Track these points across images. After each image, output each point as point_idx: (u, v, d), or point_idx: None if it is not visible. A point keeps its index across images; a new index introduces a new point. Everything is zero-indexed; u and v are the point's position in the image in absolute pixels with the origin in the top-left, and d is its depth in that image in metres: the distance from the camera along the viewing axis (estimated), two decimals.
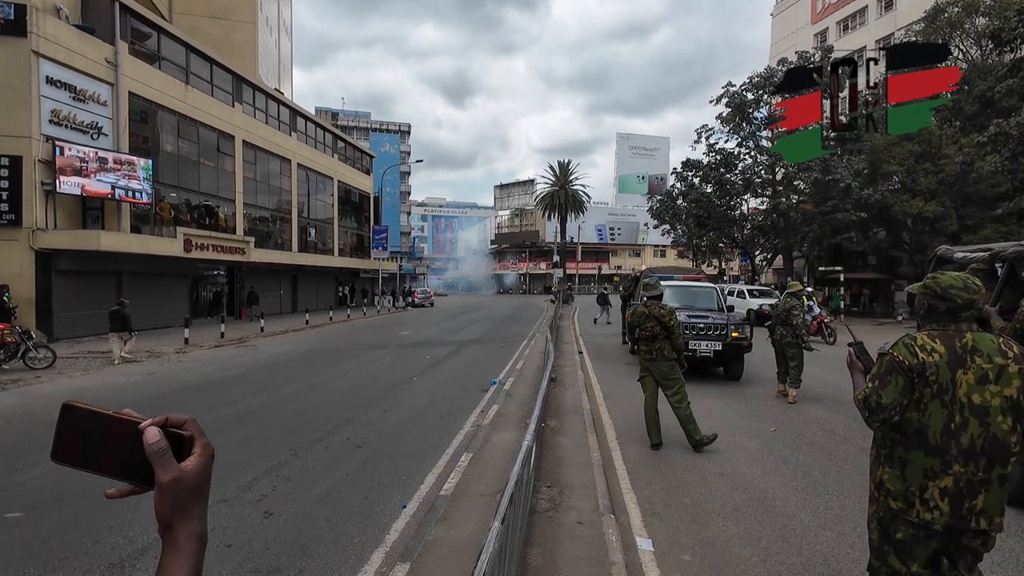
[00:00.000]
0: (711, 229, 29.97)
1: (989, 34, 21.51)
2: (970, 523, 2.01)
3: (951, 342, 2.07)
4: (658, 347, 5.59)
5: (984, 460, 1.99)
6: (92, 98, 15.52)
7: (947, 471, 2.02)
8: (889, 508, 2.15)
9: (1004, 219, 19.68)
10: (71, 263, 15.07)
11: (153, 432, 0.62)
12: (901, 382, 2.06)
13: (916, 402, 2.07)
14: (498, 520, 1.53)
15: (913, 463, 2.08)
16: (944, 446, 2.02)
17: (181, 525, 0.62)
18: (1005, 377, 2.01)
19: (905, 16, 31.54)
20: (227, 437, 6.07)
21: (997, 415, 2.00)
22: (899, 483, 2.12)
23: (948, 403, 2.02)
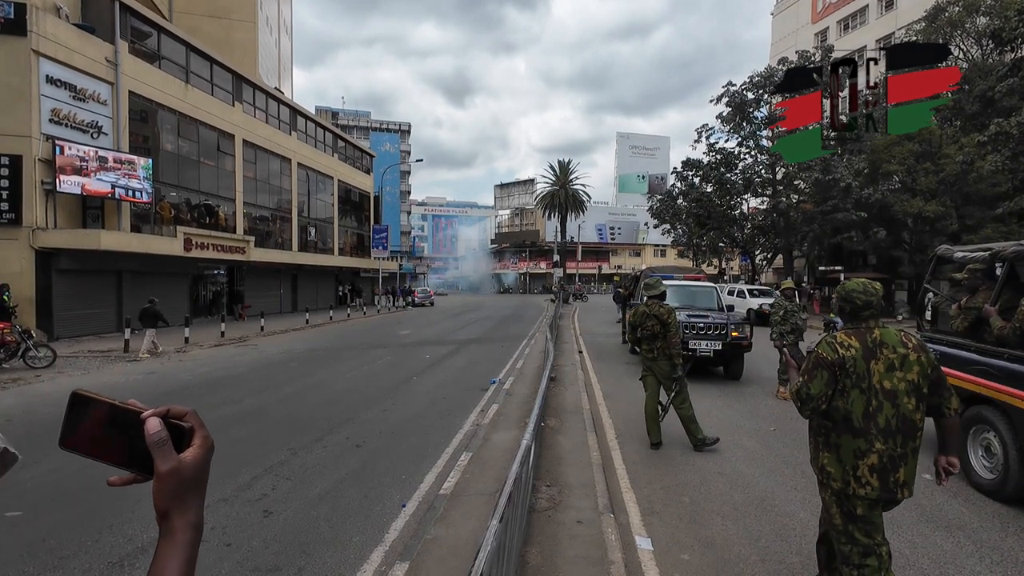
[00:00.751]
0: (711, 229, 29.96)
1: (990, 33, 21.48)
2: (896, 494, 2.33)
3: (863, 337, 2.42)
4: (659, 346, 5.62)
5: (900, 436, 2.33)
6: (92, 97, 15.52)
7: (871, 449, 2.34)
8: (839, 493, 2.41)
9: (1004, 219, 19.66)
10: (71, 262, 15.07)
11: (154, 422, 0.63)
12: (826, 375, 2.39)
13: (840, 391, 2.38)
14: (496, 518, 1.53)
15: (844, 446, 2.39)
16: (866, 428, 2.34)
17: (178, 515, 0.63)
18: (907, 364, 2.36)
19: (906, 15, 31.52)
20: (227, 436, 6.07)
21: (904, 397, 2.34)
22: (837, 466, 2.41)
23: (865, 390, 2.35)
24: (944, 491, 4.55)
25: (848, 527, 2.41)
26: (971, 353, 4.82)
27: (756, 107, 27.82)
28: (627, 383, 9.23)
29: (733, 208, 29.28)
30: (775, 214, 27.04)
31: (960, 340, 5.06)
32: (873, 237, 23.88)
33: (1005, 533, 3.80)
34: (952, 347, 5.14)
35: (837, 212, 23.81)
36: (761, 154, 28.07)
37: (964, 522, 3.97)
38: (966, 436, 4.77)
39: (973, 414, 4.70)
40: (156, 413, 0.64)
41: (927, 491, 4.55)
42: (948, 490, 4.57)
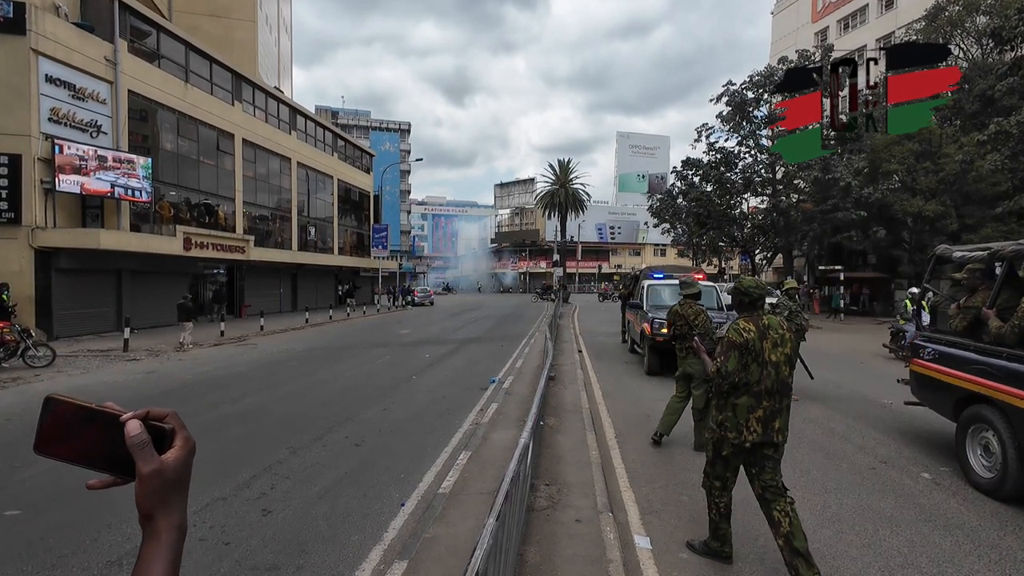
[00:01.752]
0: (711, 228, 29.93)
1: (989, 33, 21.48)
2: (773, 438, 3.14)
3: (757, 323, 3.19)
4: (688, 346, 5.68)
5: (778, 396, 3.14)
6: (91, 96, 15.51)
7: (759, 406, 3.12)
8: (725, 437, 3.21)
9: (1004, 218, 19.66)
10: (71, 261, 15.06)
11: (134, 424, 0.63)
12: (736, 354, 3.10)
13: (745, 365, 3.11)
14: (493, 517, 1.53)
15: (740, 405, 3.14)
16: (757, 390, 3.12)
17: (162, 516, 0.64)
18: (784, 342, 3.18)
19: (906, 15, 31.50)
20: (227, 435, 6.08)
21: (782, 366, 3.15)
22: (734, 420, 3.16)
23: (760, 363, 3.11)
24: (943, 490, 4.56)
25: (716, 463, 3.32)
26: (970, 352, 4.82)
27: (756, 106, 27.78)
28: (627, 382, 9.24)
29: (733, 207, 29.25)
30: (775, 213, 27.02)
31: (959, 339, 5.06)
32: (873, 236, 23.87)
33: (1004, 532, 3.80)
34: (951, 346, 5.13)
35: (837, 211, 23.79)
36: (761, 153, 28.05)
37: (963, 521, 3.97)
38: (964, 435, 4.78)
39: (972, 413, 4.70)
40: (136, 415, 0.64)
41: (926, 491, 4.56)
42: (947, 489, 4.58)
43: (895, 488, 4.59)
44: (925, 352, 5.50)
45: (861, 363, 11.63)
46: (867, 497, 4.40)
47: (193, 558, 3.42)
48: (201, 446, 2.25)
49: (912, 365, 5.73)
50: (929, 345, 5.48)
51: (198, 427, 6.40)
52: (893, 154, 22.28)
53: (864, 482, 4.73)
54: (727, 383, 3.11)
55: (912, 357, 5.75)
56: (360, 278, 36.36)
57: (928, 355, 5.43)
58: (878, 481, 4.75)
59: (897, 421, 6.76)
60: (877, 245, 25.17)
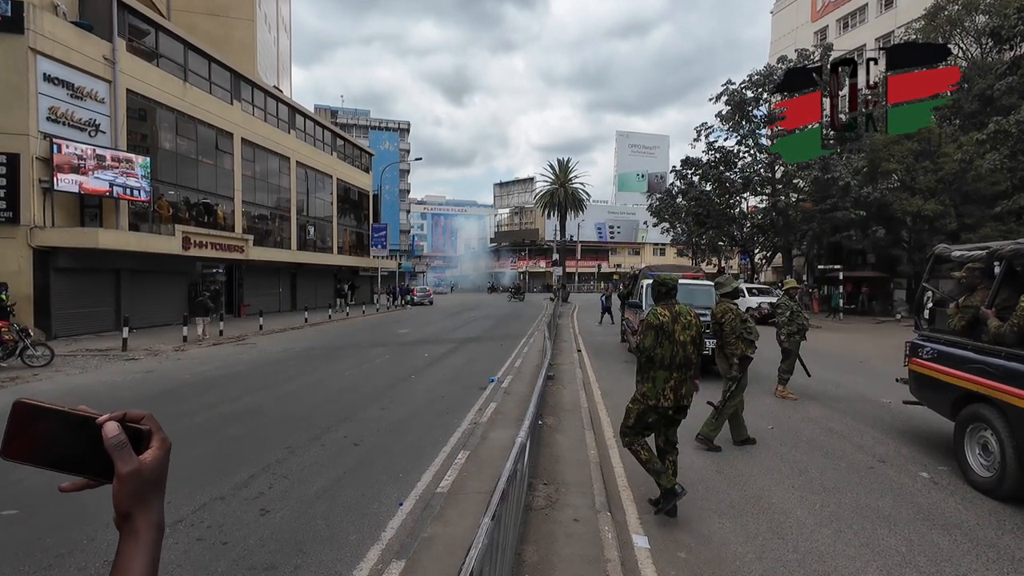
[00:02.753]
0: (710, 227, 29.94)
1: (989, 32, 21.48)
2: (682, 402, 3.93)
3: (671, 309, 3.99)
4: (717, 344, 5.77)
5: (684, 369, 3.91)
6: (90, 95, 15.48)
7: (671, 377, 3.89)
8: (648, 407, 3.94)
9: (1003, 217, 19.67)
10: (69, 261, 15.04)
11: (112, 426, 0.64)
12: (653, 333, 3.91)
13: (660, 343, 3.88)
14: (488, 516, 1.53)
15: (658, 377, 3.91)
16: (670, 365, 3.89)
17: (141, 515, 0.65)
18: (692, 326, 3.97)
19: (905, 14, 31.49)
20: (225, 434, 6.07)
21: (688, 345, 3.93)
22: (652, 390, 3.93)
23: (672, 342, 3.88)
24: (941, 489, 4.56)
25: (635, 424, 4.04)
26: (969, 352, 4.82)
27: (755, 106, 27.80)
28: (626, 381, 9.23)
29: (732, 207, 29.27)
30: (774, 213, 27.03)
31: (958, 339, 5.06)
32: (872, 236, 23.89)
33: (1001, 531, 3.81)
34: (950, 346, 5.13)
35: (836, 211, 23.80)
36: (760, 153, 28.05)
37: (961, 520, 3.97)
38: (963, 434, 4.78)
39: (970, 412, 4.70)
40: (113, 417, 0.65)
41: (924, 490, 4.56)
42: (945, 488, 4.58)
43: (893, 487, 4.59)
44: (924, 351, 5.50)
45: (860, 362, 11.64)
46: (865, 496, 4.40)
47: (191, 557, 3.42)
48: (199, 445, 2.23)
49: (911, 364, 5.73)
50: (928, 344, 5.48)
51: (196, 427, 6.40)
52: (892, 153, 22.29)
53: (862, 481, 4.73)
54: (644, 356, 3.94)
55: (911, 356, 5.75)
56: (359, 277, 36.34)
57: (927, 354, 5.43)
58: (876, 480, 4.76)
59: (896, 420, 6.76)
60: (876, 244, 25.19)
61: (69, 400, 0.66)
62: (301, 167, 27.73)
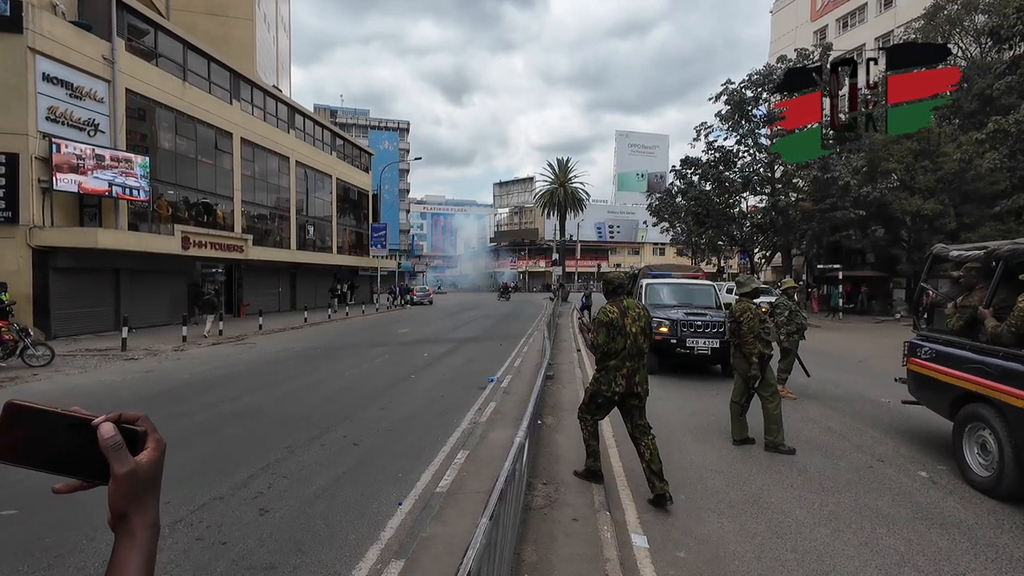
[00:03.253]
0: (710, 227, 29.95)
1: (988, 31, 21.48)
2: (635, 389, 4.21)
3: (619, 305, 4.30)
4: (735, 343, 5.71)
5: (636, 359, 4.22)
6: (89, 95, 15.47)
7: (623, 367, 4.20)
8: (599, 391, 4.29)
9: (1002, 217, 19.68)
10: (69, 260, 15.03)
11: (108, 427, 0.64)
12: (604, 330, 4.22)
13: (612, 338, 4.19)
14: (486, 516, 1.53)
15: (611, 367, 4.24)
16: (622, 355, 4.20)
17: (136, 516, 0.65)
18: (640, 318, 4.28)
19: (905, 13, 31.50)
20: (224, 434, 6.07)
21: (639, 336, 4.23)
22: (606, 378, 4.26)
23: (624, 335, 4.20)
24: (940, 489, 4.57)
25: (592, 407, 4.41)
26: (967, 352, 4.82)
27: (755, 105, 27.80)
28: None
29: (732, 206, 29.27)
30: (774, 212, 27.03)
31: (956, 339, 5.06)
32: (871, 235, 23.90)
33: (1000, 530, 3.81)
34: (948, 345, 5.14)
35: (836, 210, 23.81)
36: (760, 152, 28.05)
37: (960, 519, 3.98)
38: (961, 434, 4.78)
39: (969, 412, 4.71)
40: (108, 418, 0.65)
41: (923, 489, 4.57)
42: (944, 488, 4.58)
43: (892, 486, 4.60)
44: (922, 351, 5.50)
45: (859, 362, 11.65)
46: (864, 496, 4.40)
47: (190, 557, 3.42)
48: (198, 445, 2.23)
49: (909, 364, 5.73)
50: (926, 344, 5.49)
51: (196, 426, 6.40)
52: (892, 153, 22.30)
53: (861, 480, 4.74)
54: (599, 352, 4.26)
55: (909, 356, 5.75)
56: (359, 277, 36.34)
57: (925, 354, 5.44)
58: (875, 479, 4.76)
59: (895, 420, 6.77)
60: (876, 244, 25.20)
61: (69, 400, 0.66)
62: (300, 167, 27.71)
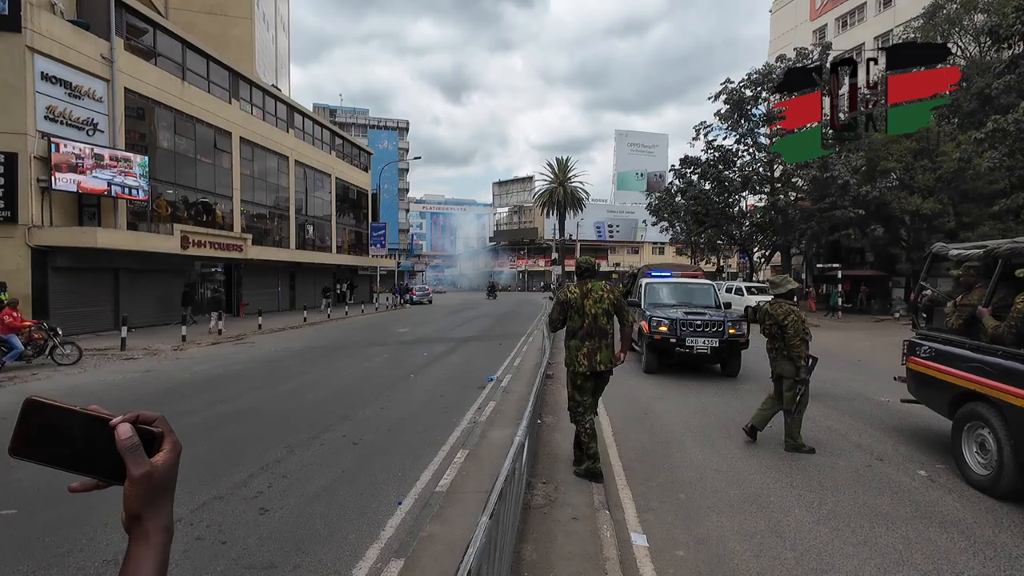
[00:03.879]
0: (709, 226, 29.97)
1: (987, 31, 21.46)
2: (597, 368, 4.47)
3: (583, 288, 4.64)
4: (777, 346, 5.52)
5: (597, 338, 4.50)
6: (87, 94, 15.44)
7: (583, 345, 4.50)
8: (575, 372, 4.55)
9: (1001, 216, 19.69)
10: (68, 260, 15.02)
11: (125, 428, 0.64)
12: (559, 307, 4.67)
13: (570, 316, 4.57)
14: (486, 515, 1.53)
15: (572, 346, 4.57)
16: (580, 335, 4.51)
17: (150, 517, 0.65)
18: (603, 300, 4.59)
19: (904, 12, 31.49)
20: (223, 434, 6.06)
21: (600, 317, 4.54)
22: (569, 357, 4.59)
23: (582, 315, 4.53)
24: (939, 487, 4.57)
25: (573, 392, 4.62)
26: (966, 350, 4.83)
27: (754, 104, 27.80)
28: (624, 380, 9.24)
29: (731, 206, 29.29)
30: (773, 211, 27.05)
31: (955, 337, 5.07)
32: (871, 234, 23.91)
33: (999, 528, 3.82)
34: (947, 344, 5.15)
35: (835, 209, 23.83)
36: (759, 151, 28.07)
37: (959, 518, 3.98)
38: (960, 433, 4.79)
39: (968, 411, 4.72)
40: (126, 419, 0.65)
41: (921, 488, 4.57)
42: (943, 486, 4.59)
43: (891, 485, 4.61)
44: (922, 350, 5.51)
45: (858, 361, 11.66)
46: (863, 494, 4.41)
47: (190, 557, 3.42)
48: (198, 445, 2.23)
49: (909, 363, 5.74)
50: (925, 343, 5.50)
51: (195, 426, 6.39)
52: (891, 152, 22.31)
53: (860, 479, 4.75)
54: (552, 328, 4.80)
55: (909, 355, 5.76)
56: (359, 276, 36.33)
57: (925, 353, 5.45)
58: (874, 478, 4.77)
59: (894, 419, 6.78)
60: (875, 243, 25.22)
61: (70, 400, 0.66)
62: (300, 166, 27.69)
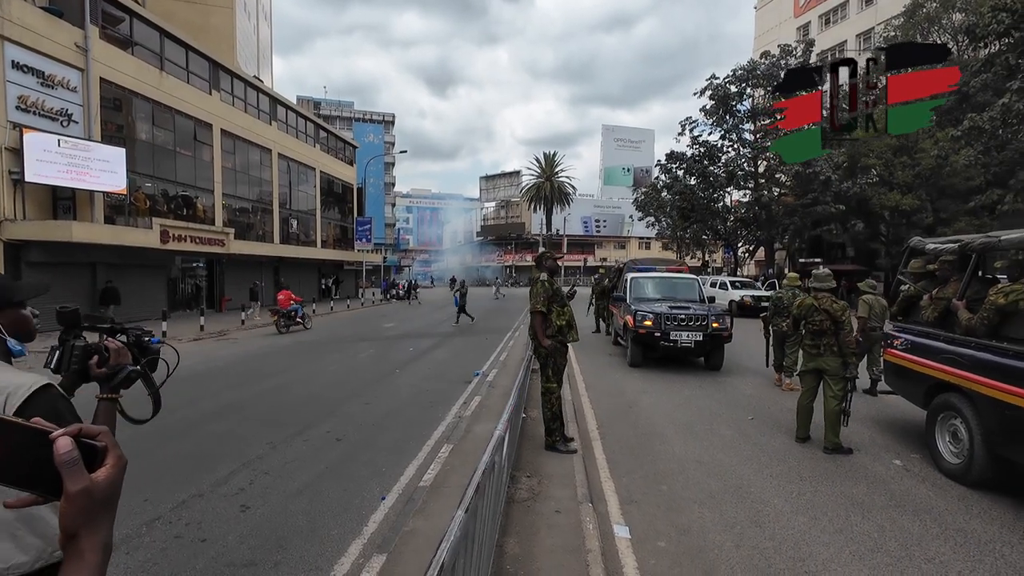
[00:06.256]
0: (695, 221, 30.24)
1: (965, 30, 21.88)
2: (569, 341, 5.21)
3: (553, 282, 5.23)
4: (826, 343, 5.34)
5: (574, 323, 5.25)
6: (61, 84, 15.00)
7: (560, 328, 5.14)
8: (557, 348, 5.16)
9: (977, 212, 20.16)
10: (42, 255, 14.63)
11: (65, 442, 0.61)
12: (545, 297, 5.10)
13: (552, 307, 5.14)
14: (462, 509, 1.53)
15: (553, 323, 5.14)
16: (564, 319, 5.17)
17: (87, 536, 0.62)
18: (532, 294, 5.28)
19: (885, 11, 31.96)
20: (205, 431, 5.98)
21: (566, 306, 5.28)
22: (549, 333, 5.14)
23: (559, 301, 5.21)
24: (913, 476, 4.69)
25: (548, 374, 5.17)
26: (940, 342, 4.94)
27: (739, 100, 28.05)
28: (609, 374, 9.31)
29: (716, 201, 29.58)
30: (757, 207, 27.38)
31: (931, 330, 5.18)
32: (852, 229, 24.35)
33: (969, 515, 3.93)
34: (923, 336, 5.26)
35: (817, 205, 24.21)
36: (744, 147, 28.35)
37: (931, 506, 4.09)
38: (934, 423, 4.91)
39: (941, 401, 4.83)
40: (67, 432, 0.62)
41: (896, 477, 4.68)
42: (917, 475, 4.71)
43: (868, 475, 4.71)
44: (899, 342, 5.63)
45: None
46: (841, 484, 4.50)
47: (168, 555, 3.37)
48: (178, 442, 2.18)
49: (886, 355, 5.86)
50: (902, 335, 5.61)
51: (175, 423, 6.29)
52: (872, 148, 22.69)
53: (839, 469, 4.85)
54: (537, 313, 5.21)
55: (886, 347, 5.88)
56: (344, 271, 35.98)
57: (902, 345, 5.56)
58: (852, 468, 4.87)
59: (872, 409, 6.93)
60: (856, 238, 25.68)
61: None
62: (283, 159, 27.28)
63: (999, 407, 4.07)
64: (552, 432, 5.16)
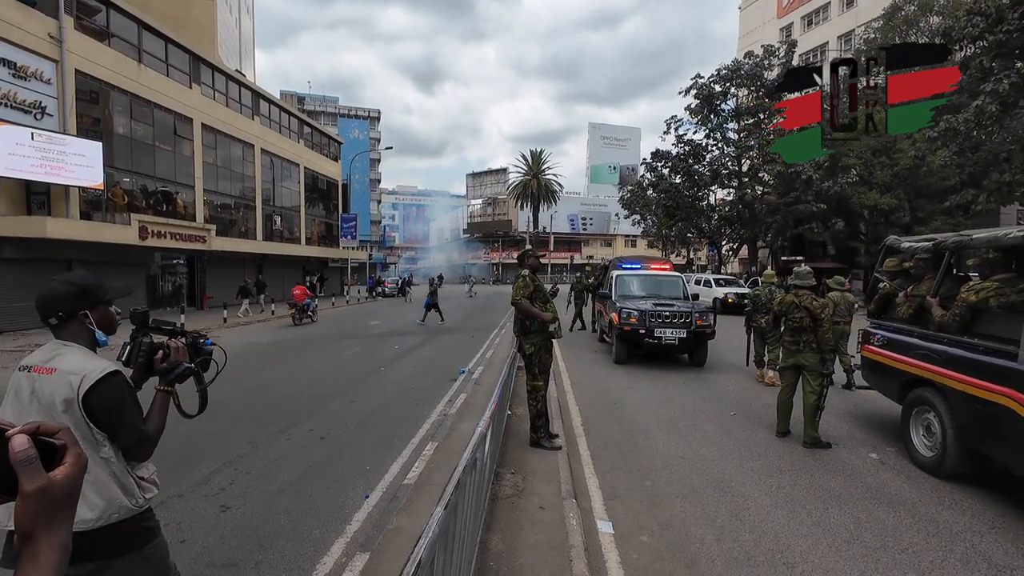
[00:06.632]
0: (680, 219, 30.53)
1: (941, 33, 22.37)
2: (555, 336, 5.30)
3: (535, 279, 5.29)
4: (805, 339, 5.44)
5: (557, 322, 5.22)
6: (35, 75, 14.59)
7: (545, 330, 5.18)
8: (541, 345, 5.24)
9: (952, 211, 20.66)
10: (15, 251, 14.24)
11: (21, 439, 0.59)
12: (526, 292, 5.13)
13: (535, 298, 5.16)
14: (440, 506, 1.53)
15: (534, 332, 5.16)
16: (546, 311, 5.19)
17: (44, 536, 0.60)
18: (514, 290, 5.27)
19: (865, 13, 32.52)
20: (185, 429, 5.83)
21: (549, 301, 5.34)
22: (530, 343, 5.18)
23: (543, 300, 5.23)
24: (888, 469, 4.80)
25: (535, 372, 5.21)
26: (915, 339, 5.06)
27: (723, 99, 28.34)
28: (595, 371, 9.36)
29: (701, 199, 29.88)
30: (741, 205, 27.74)
31: (906, 326, 5.31)
32: (832, 228, 24.80)
33: (942, 507, 4.04)
34: (898, 333, 5.38)
35: (799, 204, 24.60)
36: (728, 146, 28.68)
37: (905, 498, 4.19)
38: (909, 417, 5.03)
39: (916, 396, 4.95)
40: (24, 430, 0.60)
41: (872, 470, 4.79)
42: (892, 468, 4.82)
43: (845, 468, 4.81)
44: (875, 338, 5.75)
45: None
46: (819, 477, 4.59)
47: None
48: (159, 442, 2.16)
49: (863, 351, 5.99)
50: (879, 332, 5.74)
51: None
52: (852, 148, 23.10)
53: (817, 463, 4.94)
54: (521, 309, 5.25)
55: (863, 343, 6.01)
56: (329, 269, 35.61)
57: (878, 341, 5.69)
58: (830, 462, 4.97)
59: (849, 404, 7.07)
60: (836, 236, 26.16)
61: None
62: (266, 155, 26.88)
63: (970, 402, 4.18)
64: (537, 429, 5.19)
